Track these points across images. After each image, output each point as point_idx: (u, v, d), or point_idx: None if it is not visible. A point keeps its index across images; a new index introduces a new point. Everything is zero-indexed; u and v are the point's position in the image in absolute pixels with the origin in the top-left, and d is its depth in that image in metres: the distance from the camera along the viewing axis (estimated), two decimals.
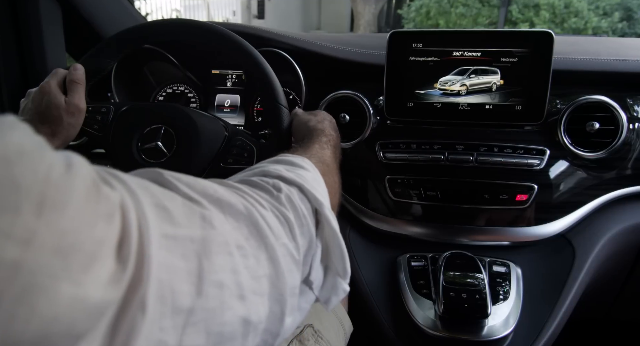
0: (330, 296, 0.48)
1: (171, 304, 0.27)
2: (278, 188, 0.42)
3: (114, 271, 0.24)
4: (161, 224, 0.28)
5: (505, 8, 6.48)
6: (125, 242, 0.25)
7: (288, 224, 0.39)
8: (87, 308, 0.22)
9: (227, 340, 0.32)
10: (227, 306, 0.31)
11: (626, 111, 0.83)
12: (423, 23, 7.01)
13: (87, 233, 0.23)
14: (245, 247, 0.34)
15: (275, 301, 0.36)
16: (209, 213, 0.33)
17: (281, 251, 0.37)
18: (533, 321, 0.73)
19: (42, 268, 0.20)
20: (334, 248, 0.45)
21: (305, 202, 0.43)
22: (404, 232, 0.88)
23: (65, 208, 0.22)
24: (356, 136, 0.91)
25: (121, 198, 0.26)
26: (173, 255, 0.28)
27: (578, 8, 5.97)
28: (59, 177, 0.23)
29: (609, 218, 0.85)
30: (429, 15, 6.97)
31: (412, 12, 7.28)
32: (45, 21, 1.00)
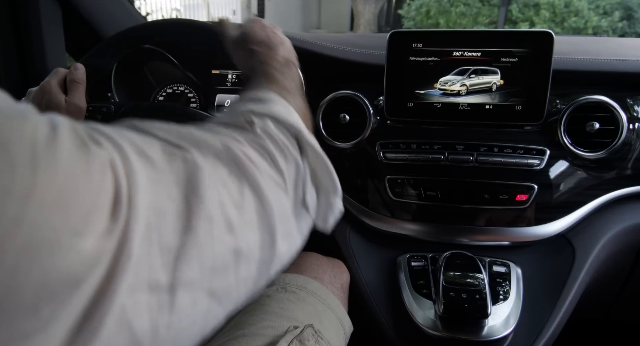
0: (327, 216, 0.49)
1: (158, 243, 0.28)
2: (251, 122, 0.43)
3: (109, 222, 0.25)
4: (147, 172, 0.29)
5: (506, 7, 6.48)
6: (118, 194, 0.26)
7: (269, 154, 0.40)
8: (85, 257, 0.23)
9: (221, 270, 0.33)
10: (217, 240, 0.33)
11: (626, 111, 0.83)
12: (423, 22, 7.02)
13: (84, 184, 0.24)
14: (229, 183, 0.35)
15: (265, 232, 0.37)
16: (189, 155, 0.34)
17: (265, 182, 0.38)
18: (533, 321, 0.73)
19: (43, 222, 0.22)
20: (320, 167, 0.46)
21: (282, 129, 0.44)
22: (404, 231, 0.88)
23: (58, 165, 0.23)
24: (356, 136, 0.91)
25: (110, 154, 0.27)
26: (160, 198, 0.29)
27: (578, 7, 5.97)
28: (46, 135, 0.23)
29: (609, 218, 0.85)
30: (429, 14, 6.98)
31: (412, 11, 7.28)
32: (46, 21, 1.01)
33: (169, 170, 0.31)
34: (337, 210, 0.49)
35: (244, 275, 0.36)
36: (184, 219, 0.30)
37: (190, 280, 0.30)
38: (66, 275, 0.23)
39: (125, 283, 0.25)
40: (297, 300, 0.70)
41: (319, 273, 0.78)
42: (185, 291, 0.30)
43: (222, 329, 0.66)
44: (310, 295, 0.73)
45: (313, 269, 0.79)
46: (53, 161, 0.23)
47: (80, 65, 0.75)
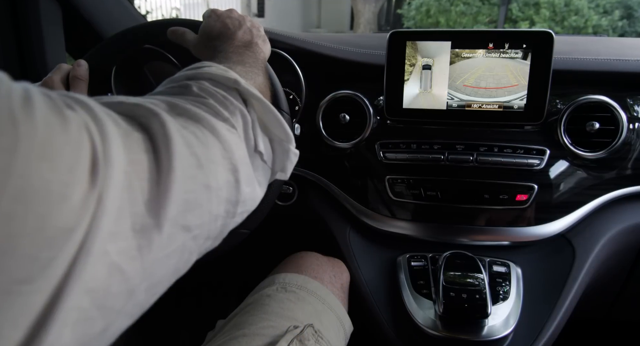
0: (285, 163, 0.50)
1: (140, 189, 0.31)
2: (185, 86, 0.44)
3: (90, 176, 0.26)
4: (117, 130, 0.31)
5: (506, 6, 6.48)
6: (95, 150, 0.27)
7: (211, 108, 0.42)
8: (74, 207, 0.25)
9: (194, 206, 0.35)
10: (189, 175, 0.35)
11: (626, 111, 0.83)
12: (423, 21, 7.01)
13: (64, 139, 0.25)
14: (188, 126, 0.38)
15: (228, 170, 0.40)
16: (145, 120, 0.35)
17: (218, 125, 0.40)
18: (533, 321, 0.73)
19: (32, 172, 0.23)
20: (267, 116, 0.47)
21: (219, 85, 0.45)
22: (404, 231, 0.88)
23: (36, 121, 0.24)
24: (356, 136, 0.91)
25: (83, 117, 0.29)
26: (132, 150, 0.31)
27: (578, 6, 5.97)
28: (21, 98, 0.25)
29: (609, 218, 0.85)
30: (429, 13, 6.97)
31: (412, 10, 7.28)
32: (46, 21, 1.00)
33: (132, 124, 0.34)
34: (293, 156, 0.51)
35: (215, 212, 0.38)
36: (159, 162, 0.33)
37: (169, 216, 0.32)
38: (61, 223, 0.24)
39: (103, 230, 0.27)
40: (297, 300, 0.71)
41: (319, 273, 0.78)
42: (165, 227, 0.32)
43: (223, 329, 0.66)
44: (310, 295, 0.73)
45: (313, 269, 0.79)
46: (30, 118, 0.24)
47: (83, 62, 0.75)
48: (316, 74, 0.95)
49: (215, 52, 0.61)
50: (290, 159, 0.50)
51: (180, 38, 0.71)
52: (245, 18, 0.67)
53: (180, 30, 0.71)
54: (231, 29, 0.63)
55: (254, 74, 0.55)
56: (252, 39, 0.63)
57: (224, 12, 0.67)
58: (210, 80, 0.45)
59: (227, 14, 0.66)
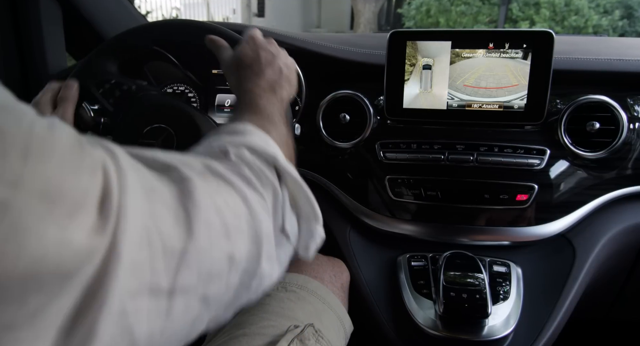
0: (308, 243, 0.49)
1: (162, 247, 0.29)
2: (225, 151, 0.43)
3: (97, 221, 0.25)
4: (139, 179, 0.30)
5: (506, 6, 6.47)
6: (107, 195, 0.27)
7: (246, 179, 0.41)
8: (74, 251, 0.24)
9: (215, 277, 0.34)
10: (216, 245, 0.34)
11: (626, 111, 0.83)
12: (423, 21, 7.01)
13: (72, 182, 0.25)
14: (220, 191, 0.37)
15: (252, 242, 0.39)
16: (177, 173, 0.35)
17: (249, 195, 0.39)
18: (533, 321, 0.73)
19: (29, 210, 0.22)
20: (299, 194, 0.47)
21: (258, 157, 0.44)
22: (404, 231, 0.88)
23: (50, 158, 0.24)
24: (356, 136, 0.91)
25: (103, 157, 0.28)
26: (155, 205, 0.30)
27: (578, 6, 5.97)
28: (43, 131, 0.24)
29: (609, 218, 0.85)
30: (429, 13, 6.97)
31: (412, 10, 7.28)
32: (46, 21, 1.01)
33: (160, 181, 0.33)
34: (318, 237, 0.49)
35: (232, 282, 0.37)
36: (185, 224, 0.31)
37: (188, 285, 0.31)
38: (55, 267, 0.23)
39: (119, 285, 0.26)
40: (298, 300, 0.71)
41: (319, 273, 0.78)
42: (182, 296, 0.31)
43: (223, 328, 0.67)
44: (311, 295, 0.73)
45: (313, 268, 0.79)
46: (45, 154, 0.24)
47: (72, 83, 0.74)
48: (316, 74, 0.95)
49: (241, 88, 0.60)
50: (315, 240, 0.49)
51: (216, 50, 0.70)
52: (279, 53, 0.66)
53: (219, 43, 0.70)
54: (262, 64, 0.62)
55: (278, 128, 0.54)
56: (278, 80, 0.62)
57: (262, 42, 0.66)
58: (250, 150, 0.44)
59: (264, 46, 0.65)
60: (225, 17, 9.28)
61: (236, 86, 0.63)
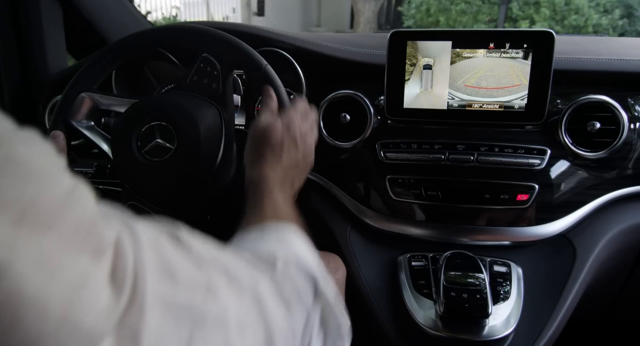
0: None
1: None
2: (273, 264, 0.42)
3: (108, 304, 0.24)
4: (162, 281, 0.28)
5: (506, 5, 6.47)
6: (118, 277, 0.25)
7: (285, 302, 0.40)
8: (79, 333, 0.22)
9: None
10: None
11: (627, 111, 0.83)
12: (423, 20, 7.01)
13: (70, 261, 0.23)
14: (244, 321, 0.34)
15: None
16: (215, 280, 0.33)
17: (278, 327, 0.38)
18: (534, 321, 0.74)
19: (27, 277, 0.20)
20: (329, 314, 0.45)
21: (302, 274, 0.43)
22: (405, 231, 0.88)
23: (47, 231, 0.22)
24: (357, 136, 0.91)
25: (117, 235, 0.26)
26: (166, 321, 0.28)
27: (578, 5, 5.96)
28: (51, 202, 0.23)
29: (609, 218, 0.85)
30: (429, 12, 6.97)
31: (412, 9, 7.28)
32: (46, 21, 1.01)
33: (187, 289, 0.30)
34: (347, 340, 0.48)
35: None
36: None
37: None
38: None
39: None
40: None
41: None
42: None
43: None
44: None
45: None
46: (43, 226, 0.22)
47: (58, 133, 0.74)
48: (317, 74, 0.95)
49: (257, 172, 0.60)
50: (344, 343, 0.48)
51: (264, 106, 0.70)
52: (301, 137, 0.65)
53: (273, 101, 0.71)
54: (283, 150, 0.61)
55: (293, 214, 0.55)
56: (294, 165, 0.62)
57: (288, 122, 0.64)
58: (297, 266, 0.44)
59: (289, 125, 0.64)
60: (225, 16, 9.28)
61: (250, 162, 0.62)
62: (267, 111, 0.69)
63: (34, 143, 0.24)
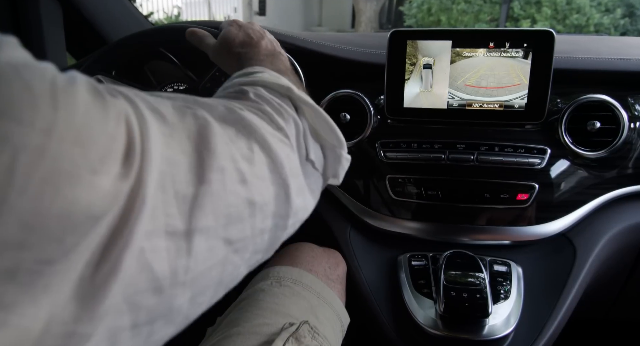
0: (337, 169, 0.51)
1: (174, 192, 0.31)
2: (243, 91, 0.45)
3: (122, 167, 0.27)
4: (159, 126, 0.31)
5: (507, 5, 6.47)
6: (131, 142, 0.28)
7: (267, 115, 0.42)
8: (102, 194, 0.25)
9: (235, 220, 0.35)
10: (230, 190, 0.35)
11: (627, 110, 0.82)
12: (424, 19, 7.01)
13: (101, 128, 0.26)
14: (237, 140, 0.37)
15: (278, 185, 0.39)
16: (199, 112, 0.35)
17: (271, 139, 0.40)
18: (534, 321, 0.73)
19: (63, 156, 0.23)
20: (319, 123, 0.47)
21: (273, 92, 0.46)
22: (405, 231, 0.88)
23: (77, 106, 0.25)
24: (357, 135, 0.91)
25: (124, 107, 0.29)
26: (173, 151, 0.31)
27: (580, 4, 5.96)
28: (65, 83, 0.25)
29: (609, 217, 0.85)
30: (430, 11, 6.97)
31: (413, 8, 7.28)
32: (46, 21, 1.01)
33: (180, 125, 0.33)
34: (345, 161, 0.51)
35: (260, 227, 0.38)
36: (198, 170, 0.33)
37: (205, 227, 0.32)
38: (87, 209, 0.25)
39: (142, 227, 0.28)
40: (292, 295, 0.70)
41: (314, 266, 0.78)
42: (202, 237, 0.32)
43: (219, 325, 0.66)
44: (305, 289, 0.73)
45: (308, 261, 0.79)
46: (71, 102, 0.25)
47: None
48: (317, 73, 0.95)
49: (242, 60, 0.61)
50: (342, 165, 0.51)
51: (198, 41, 0.71)
52: (265, 31, 0.67)
53: (200, 33, 0.71)
54: (254, 39, 0.63)
55: (288, 76, 0.55)
56: (275, 48, 0.64)
57: (246, 23, 0.68)
58: (264, 86, 0.46)
59: (249, 26, 0.67)
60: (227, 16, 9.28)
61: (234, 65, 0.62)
62: (206, 38, 0.70)
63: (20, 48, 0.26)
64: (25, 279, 0.23)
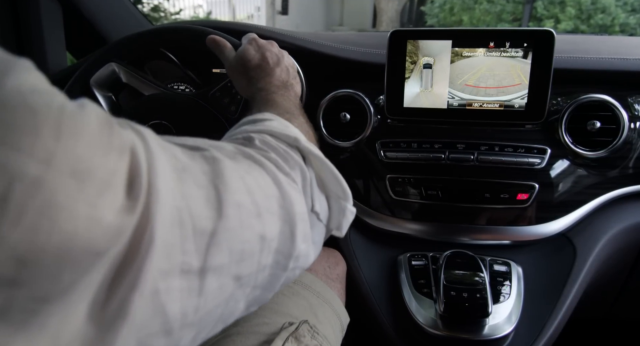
0: (340, 222, 0.50)
1: (192, 228, 0.30)
2: (249, 138, 0.44)
3: (125, 200, 0.26)
4: (168, 160, 0.31)
5: (530, 4, 6.37)
6: (136, 175, 0.27)
7: (273, 162, 0.42)
8: (104, 229, 0.24)
9: (247, 256, 0.35)
10: (246, 225, 0.34)
11: (627, 110, 0.82)
12: (446, 19, 6.87)
13: (101, 161, 0.25)
14: (251, 171, 0.38)
15: (284, 222, 0.39)
16: (209, 153, 0.35)
17: (282, 178, 0.40)
18: (534, 320, 0.73)
19: (60, 188, 0.23)
20: (325, 174, 0.47)
21: (281, 141, 0.45)
22: (405, 230, 0.88)
23: (80, 137, 0.24)
24: (357, 135, 0.91)
25: (132, 138, 0.28)
26: (186, 185, 0.31)
27: (605, 4, 5.84)
28: (73, 110, 0.25)
29: (609, 217, 0.85)
30: (453, 11, 6.83)
31: (435, 8, 7.13)
32: (46, 21, 1.01)
33: (191, 163, 0.33)
34: (349, 214, 0.50)
35: (263, 263, 0.37)
36: (216, 204, 0.32)
37: (219, 264, 0.32)
38: (86, 244, 0.23)
39: (154, 265, 0.27)
40: (292, 295, 0.70)
41: (313, 265, 0.78)
42: (214, 275, 0.32)
43: None
44: (305, 289, 0.72)
45: None
46: (76, 132, 0.24)
47: None
48: (317, 73, 0.95)
49: (253, 87, 0.61)
50: (347, 217, 0.50)
51: (218, 50, 0.71)
52: (283, 55, 0.67)
53: (222, 43, 0.71)
54: (270, 66, 0.63)
55: (297, 118, 0.55)
56: (288, 79, 0.64)
57: (266, 43, 0.68)
58: (272, 135, 0.45)
59: (268, 47, 0.67)
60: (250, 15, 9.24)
61: (246, 87, 0.63)
62: (226, 49, 0.70)
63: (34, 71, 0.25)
64: (18, 318, 0.22)
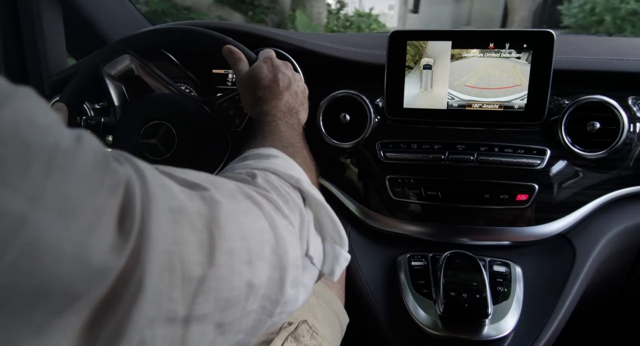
0: (334, 267, 0.49)
1: (181, 274, 0.28)
2: (253, 175, 0.43)
3: (115, 240, 0.25)
4: (165, 199, 0.29)
5: None
6: (128, 212, 0.26)
7: (274, 203, 0.41)
8: (89, 270, 0.23)
9: (233, 304, 0.33)
10: (236, 273, 0.33)
11: (627, 111, 0.82)
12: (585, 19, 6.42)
13: (89, 200, 0.24)
14: (249, 216, 0.36)
15: (274, 268, 0.38)
16: (208, 194, 0.34)
17: (279, 223, 0.39)
18: (533, 321, 0.73)
19: (46, 226, 0.22)
20: (324, 218, 0.46)
21: (283, 182, 0.45)
22: (405, 231, 0.88)
23: (71, 174, 0.23)
24: (357, 136, 0.91)
25: (128, 174, 0.27)
26: (181, 228, 0.29)
27: None
28: (68, 146, 0.24)
29: (609, 218, 0.85)
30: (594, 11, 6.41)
31: (573, 8, 6.73)
32: (46, 21, 1.01)
33: (189, 204, 0.32)
34: (343, 260, 0.49)
35: (248, 308, 0.36)
36: (207, 251, 0.31)
37: (204, 313, 0.31)
38: (67, 286, 0.23)
39: (143, 314, 0.25)
40: None
41: None
42: (198, 324, 0.30)
43: None
44: None
45: None
46: (67, 169, 0.23)
47: (61, 106, 0.73)
48: (316, 74, 0.95)
49: (259, 108, 0.61)
50: (340, 263, 0.49)
51: (232, 61, 0.71)
52: (295, 79, 0.67)
53: (237, 55, 0.71)
54: (280, 88, 0.63)
55: (300, 152, 0.55)
56: (294, 105, 0.64)
57: (280, 65, 0.67)
58: (275, 174, 0.45)
59: (282, 69, 0.66)
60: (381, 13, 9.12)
61: (252, 106, 0.63)
62: (240, 62, 0.70)
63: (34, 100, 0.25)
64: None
